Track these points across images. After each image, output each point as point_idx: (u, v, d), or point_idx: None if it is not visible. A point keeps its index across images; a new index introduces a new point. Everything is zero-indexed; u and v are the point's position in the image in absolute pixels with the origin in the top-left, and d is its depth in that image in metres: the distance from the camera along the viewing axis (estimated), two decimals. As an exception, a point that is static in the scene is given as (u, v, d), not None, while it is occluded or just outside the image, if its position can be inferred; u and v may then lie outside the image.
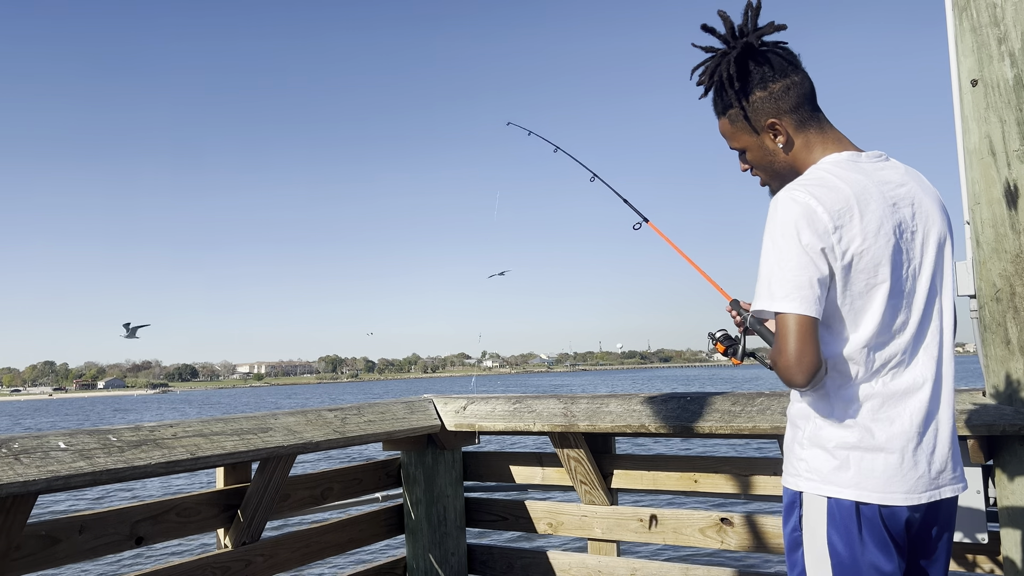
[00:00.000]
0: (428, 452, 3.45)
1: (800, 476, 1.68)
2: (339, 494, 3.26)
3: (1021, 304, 2.35)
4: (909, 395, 1.64)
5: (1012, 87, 2.36)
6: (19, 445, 2.04)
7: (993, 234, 2.40)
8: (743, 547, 2.91)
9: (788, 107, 1.72)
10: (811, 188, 1.62)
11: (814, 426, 1.67)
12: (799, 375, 1.58)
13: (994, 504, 2.46)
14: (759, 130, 1.76)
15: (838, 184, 1.63)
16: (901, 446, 1.61)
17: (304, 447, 2.72)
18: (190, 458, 2.36)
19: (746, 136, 1.79)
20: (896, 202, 1.66)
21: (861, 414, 1.63)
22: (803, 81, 1.73)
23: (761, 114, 1.74)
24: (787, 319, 1.59)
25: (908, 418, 1.63)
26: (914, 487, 1.61)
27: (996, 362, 2.41)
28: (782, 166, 1.79)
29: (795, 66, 1.74)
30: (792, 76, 1.72)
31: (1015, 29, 2.36)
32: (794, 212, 1.60)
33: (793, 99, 1.72)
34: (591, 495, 3.21)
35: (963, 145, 2.52)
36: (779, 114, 1.73)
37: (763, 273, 1.64)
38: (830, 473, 1.63)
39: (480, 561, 3.52)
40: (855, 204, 1.61)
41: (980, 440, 2.40)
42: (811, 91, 1.74)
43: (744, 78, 1.73)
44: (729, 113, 1.80)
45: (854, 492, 1.61)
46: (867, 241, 1.60)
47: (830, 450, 1.64)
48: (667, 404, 2.90)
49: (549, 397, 3.22)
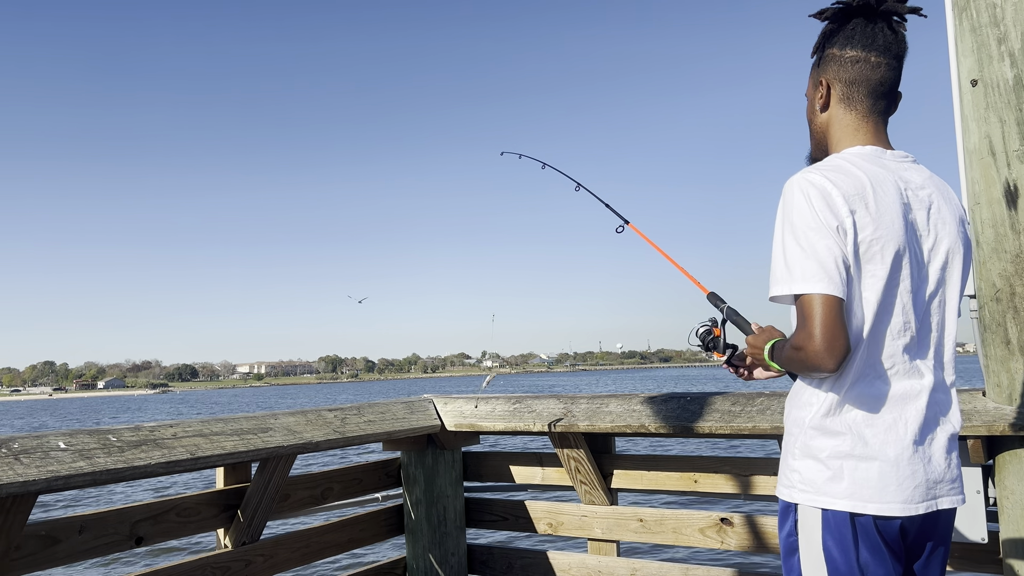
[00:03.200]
0: (428, 452, 3.45)
1: (794, 488, 1.64)
2: (339, 494, 3.26)
3: (1021, 304, 2.35)
4: (907, 401, 1.59)
5: (1012, 87, 2.36)
6: (19, 445, 2.04)
7: (993, 234, 2.40)
8: (743, 547, 2.91)
9: (847, 78, 1.70)
10: (826, 172, 1.59)
11: (806, 435, 1.63)
12: (829, 359, 1.50)
13: (994, 504, 2.46)
14: (815, 84, 1.77)
15: (855, 171, 1.60)
16: (896, 454, 1.56)
17: (304, 447, 2.72)
18: (190, 458, 2.36)
19: (811, 85, 1.80)
20: (912, 202, 1.63)
21: (855, 420, 1.58)
22: (880, 66, 1.68)
23: (825, 69, 1.74)
24: (812, 300, 1.51)
25: (904, 425, 1.58)
26: (910, 497, 1.57)
27: (996, 362, 2.41)
28: (817, 129, 1.79)
29: (887, 50, 1.67)
30: (873, 56, 1.67)
31: (1015, 29, 2.35)
32: (810, 193, 1.56)
33: (855, 73, 1.69)
34: (591, 495, 3.21)
35: (963, 145, 2.52)
36: (834, 78, 1.72)
37: (778, 256, 1.58)
38: (824, 484, 1.59)
39: (480, 561, 3.52)
40: (870, 192, 1.57)
41: (980, 440, 2.40)
42: (884, 80, 1.69)
43: (838, 31, 1.71)
44: (813, 55, 1.79)
45: (848, 503, 1.56)
46: (878, 230, 1.56)
47: (823, 460, 1.59)
48: (667, 404, 2.90)
49: (549, 397, 3.22)
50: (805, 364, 1.55)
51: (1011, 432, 2.30)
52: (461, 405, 3.39)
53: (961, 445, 2.45)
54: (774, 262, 1.60)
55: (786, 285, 1.56)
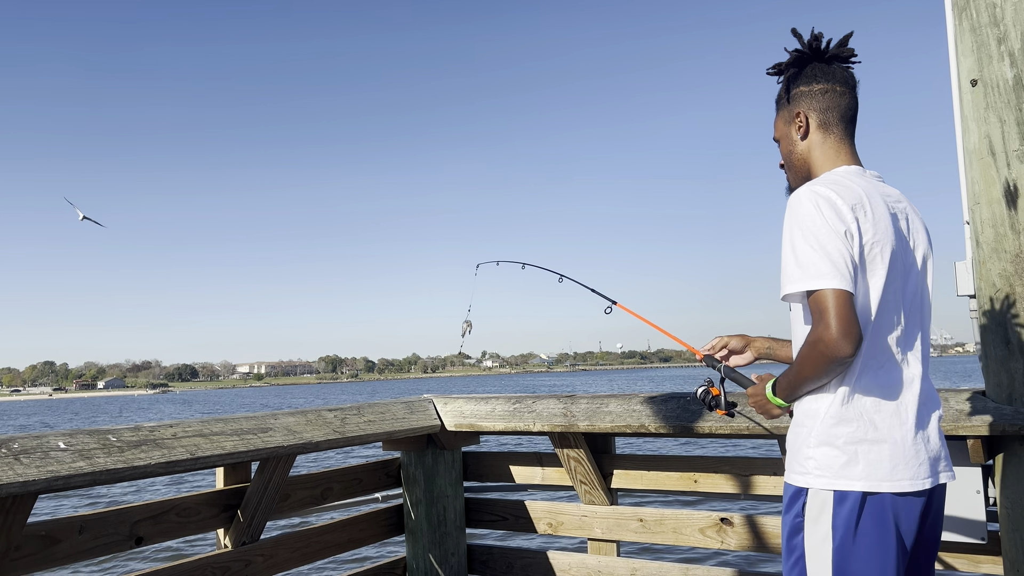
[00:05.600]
0: (428, 452, 3.45)
1: (809, 473, 1.74)
2: (339, 494, 3.26)
3: (1021, 304, 2.35)
4: (904, 389, 1.74)
5: (1012, 87, 2.35)
6: (19, 445, 2.04)
7: (993, 234, 2.40)
8: (743, 547, 2.91)
9: (819, 107, 1.89)
10: (829, 185, 1.75)
11: (823, 424, 1.73)
12: (847, 345, 1.61)
13: (994, 504, 2.46)
14: (790, 120, 1.94)
15: (852, 185, 1.77)
16: (902, 436, 1.71)
17: (304, 447, 2.72)
18: (190, 458, 2.36)
19: (782, 124, 1.98)
20: (896, 212, 1.81)
21: (865, 408, 1.71)
22: (844, 95, 1.89)
23: (797, 104, 1.92)
24: (825, 295, 1.64)
25: (906, 410, 1.73)
26: (917, 473, 1.70)
27: (996, 362, 2.41)
28: (798, 159, 1.94)
29: (845, 82, 1.89)
30: (836, 86, 1.88)
31: (1015, 29, 2.35)
32: (819, 202, 1.71)
33: (826, 102, 1.89)
34: (591, 495, 3.21)
35: (963, 145, 2.52)
36: (808, 109, 1.90)
37: (789, 258, 1.71)
38: (841, 469, 1.70)
39: (480, 561, 3.52)
40: (867, 202, 1.74)
41: (980, 440, 2.40)
42: (848, 107, 1.89)
43: (798, 75, 1.92)
44: (778, 102, 1.99)
45: (863, 484, 1.68)
46: (877, 235, 1.72)
47: (840, 447, 1.71)
48: (667, 404, 2.90)
49: (549, 397, 3.22)
50: (824, 355, 1.64)
51: (1011, 432, 2.30)
52: (461, 405, 3.39)
53: (961, 445, 2.45)
54: (785, 264, 1.73)
55: (800, 283, 1.68)
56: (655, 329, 2.48)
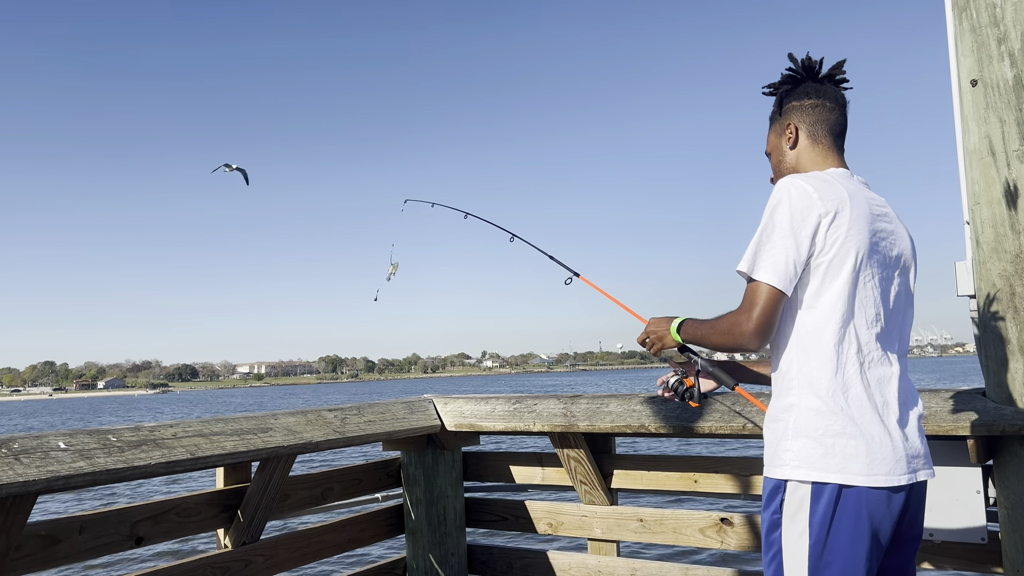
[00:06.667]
0: (428, 452, 3.45)
1: (787, 465, 1.77)
2: (339, 494, 3.26)
3: (1021, 304, 2.35)
4: (883, 385, 1.79)
5: (1012, 87, 2.35)
6: (19, 445, 2.04)
7: (993, 234, 2.40)
8: (743, 547, 2.91)
9: (810, 119, 1.97)
10: (811, 180, 1.82)
11: (799, 417, 1.77)
12: (755, 340, 1.76)
13: (994, 504, 2.46)
14: (781, 132, 2.02)
15: (833, 182, 1.83)
16: (880, 432, 1.74)
17: (304, 447, 2.72)
18: (190, 458, 2.36)
19: (773, 138, 2.06)
20: (879, 215, 1.86)
21: (844, 403, 1.74)
22: (834, 110, 1.97)
23: (788, 116, 2.01)
24: (760, 288, 1.77)
25: (885, 406, 1.77)
26: (893, 469, 1.73)
27: (996, 362, 2.41)
28: (787, 168, 2.00)
29: (835, 100, 1.97)
30: (827, 102, 1.97)
31: (1015, 29, 2.35)
32: (794, 195, 1.78)
33: (817, 115, 1.96)
34: (591, 495, 3.21)
35: (963, 145, 2.52)
36: (799, 121, 1.99)
37: (754, 240, 1.81)
38: (818, 460, 1.73)
39: (480, 561, 3.51)
40: (847, 201, 1.79)
41: (980, 440, 2.40)
42: (837, 122, 1.97)
43: (792, 91, 2.01)
44: (771, 118, 2.07)
45: (839, 476, 1.71)
46: (852, 234, 1.76)
47: (817, 438, 1.74)
48: (667, 404, 2.90)
49: (549, 397, 3.22)
50: (735, 341, 1.80)
51: (1011, 432, 2.30)
52: (461, 405, 3.39)
53: (961, 445, 2.45)
54: (751, 243, 1.82)
55: (747, 267, 1.81)
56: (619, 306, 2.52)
